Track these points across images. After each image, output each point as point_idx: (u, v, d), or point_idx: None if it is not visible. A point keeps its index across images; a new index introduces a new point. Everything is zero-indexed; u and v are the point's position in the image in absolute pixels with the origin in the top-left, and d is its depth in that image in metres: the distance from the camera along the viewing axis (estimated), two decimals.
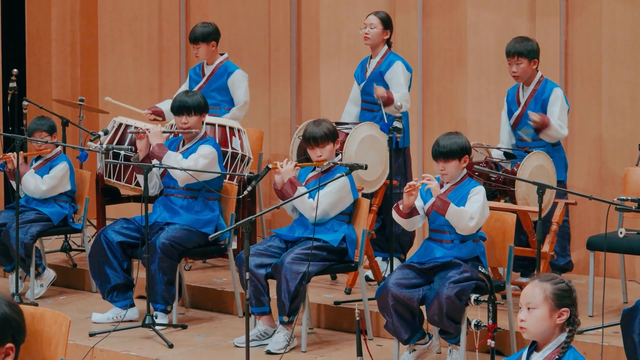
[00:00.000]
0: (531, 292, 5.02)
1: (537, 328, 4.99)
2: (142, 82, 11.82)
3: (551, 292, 4.99)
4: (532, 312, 4.99)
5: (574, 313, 5.01)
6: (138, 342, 8.32)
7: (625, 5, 9.59)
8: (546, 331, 4.99)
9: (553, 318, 4.98)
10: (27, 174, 9.39)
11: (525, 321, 4.99)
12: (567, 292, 5.02)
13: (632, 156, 9.16)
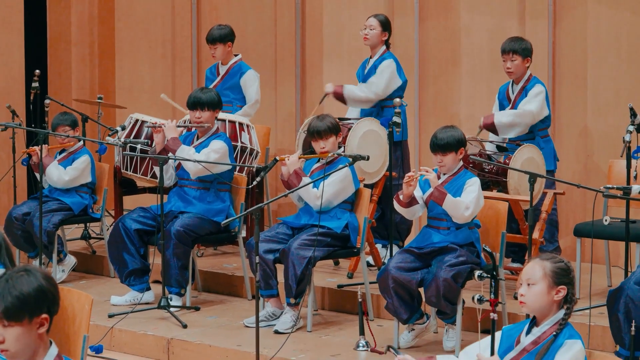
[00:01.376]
0: (531, 269, 5.01)
1: (535, 303, 4.98)
2: (156, 81, 11.81)
3: (550, 270, 4.99)
4: (531, 288, 4.99)
5: (571, 291, 5.01)
6: (154, 323, 8.33)
7: (609, 8, 9.60)
8: (544, 307, 4.99)
9: (551, 294, 4.97)
10: (51, 165, 9.40)
11: (524, 296, 4.99)
12: (565, 270, 5.01)
13: (616, 149, 9.12)
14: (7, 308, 3.97)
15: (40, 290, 4.01)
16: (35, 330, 4.02)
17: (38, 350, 4.05)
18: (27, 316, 3.99)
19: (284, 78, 11.24)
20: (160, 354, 8.06)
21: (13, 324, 3.98)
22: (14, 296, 3.97)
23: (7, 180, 10.28)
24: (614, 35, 9.59)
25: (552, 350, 4.92)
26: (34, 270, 4.07)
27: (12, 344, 3.99)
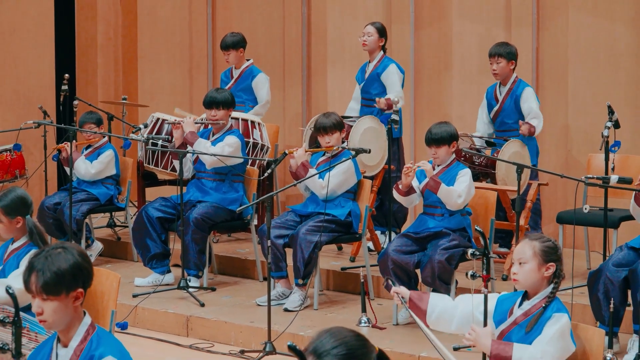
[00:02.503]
0: (522, 249, 5.01)
1: (526, 279, 4.98)
2: (175, 84, 11.80)
3: (539, 249, 4.98)
4: (523, 266, 4.99)
5: (559, 267, 5.01)
6: (174, 302, 8.33)
7: (588, 16, 9.59)
8: (535, 282, 4.98)
9: (541, 271, 4.97)
10: (78, 160, 9.39)
11: (517, 274, 4.99)
12: (553, 249, 5.01)
13: (594, 144, 9.12)
14: (45, 283, 3.94)
15: (76, 266, 3.99)
16: (71, 303, 4.00)
17: (73, 321, 4.02)
18: (64, 290, 3.96)
19: (291, 81, 11.23)
20: (180, 330, 8.06)
21: (51, 298, 3.95)
22: (52, 272, 3.95)
23: (39, 174, 10.28)
24: (592, 41, 9.58)
25: (541, 322, 4.92)
26: (70, 248, 4.05)
27: (50, 315, 3.97)
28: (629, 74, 9.43)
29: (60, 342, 4.04)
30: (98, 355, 3.94)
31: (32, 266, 3.97)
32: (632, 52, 9.42)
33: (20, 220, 5.84)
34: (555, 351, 4.82)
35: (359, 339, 3.37)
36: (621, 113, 8.26)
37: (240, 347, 7.71)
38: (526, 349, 4.82)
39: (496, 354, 4.81)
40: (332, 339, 3.35)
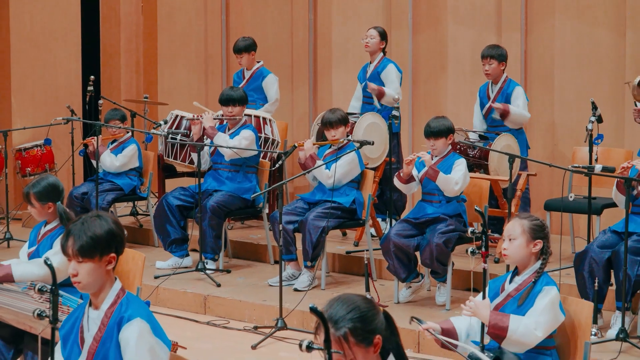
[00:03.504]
0: (512, 226, 5.00)
1: (516, 254, 4.97)
2: (191, 85, 11.80)
3: (528, 227, 4.97)
4: (512, 242, 4.98)
5: (546, 244, 5.00)
6: (192, 283, 8.34)
7: (572, 21, 9.59)
8: (524, 258, 4.98)
9: (529, 247, 4.96)
10: (104, 153, 9.41)
11: (507, 249, 4.98)
12: (541, 227, 5.00)
13: (578, 139, 9.13)
14: (81, 246, 3.96)
15: (110, 232, 4.00)
16: (104, 267, 4.01)
17: (105, 284, 4.03)
18: (98, 254, 3.98)
19: (299, 82, 11.22)
20: (198, 308, 8.07)
21: (86, 260, 3.97)
22: (88, 236, 3.96)
23: (67, 167, 10.28)
24: (576, 44, 9.58)
25: (532, 295, 4.92)
26: (105, 216, 4.07)
27: (84, 277, 3.98)
28: (610, 74, 9.42)
29: (92, 306, 4.04)
30: (127, 317, 3.95)
31: (69, 231, 3.99)
32: (612, 54, 9.42)
33: (52, 205, 5.83)
34: (546, 321, 4.82)
35: (367, 301, 3.40)
36: (603, 110, 8.25)
37: (253, 324, 7.72)
38: (521, 320, 4.81)
39: (494, 323, 4.80)
40: (345, 305, 3.39)
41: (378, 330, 3.38)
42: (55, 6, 11.29)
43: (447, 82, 10.32)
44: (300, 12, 11.18)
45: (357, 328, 3.34)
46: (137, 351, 3.91)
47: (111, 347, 3.95)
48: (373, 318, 3.38)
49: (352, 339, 3.34)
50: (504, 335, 4.78)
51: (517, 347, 4.82)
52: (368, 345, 3.36)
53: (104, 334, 3.97)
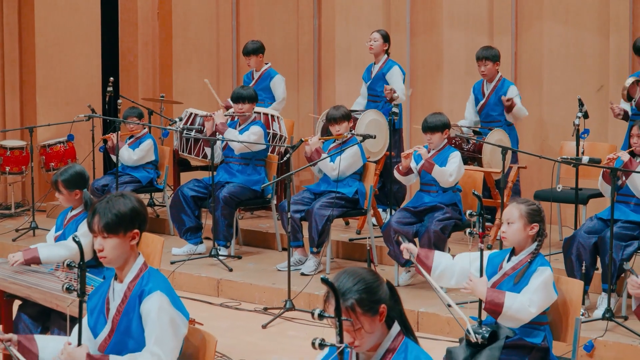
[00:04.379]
0: (510, 211, 4.98)
1: (514, 237, 4.94)
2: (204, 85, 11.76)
3: (525, 211, 4.95)
4: (510, 226, 4.95)
5: (542, 227, 4.98)
6: (206, 268, 8.31)
7: (559, 25, 9.57)
8: (521, 240, 4.95)
9: (526, 230, 4.94)
10: (122, 148, 9.38)
11: (506, 232, 4.96)
12: (537, 211, 4.98)
13: (566, 134, 9.11)
14: (107, 223, 3.94)
15: (133, 210, 3.99)
16: (128, 242, 4.00)
17: (129, 258, 4.02)
18: (123, 230, 3.97)
19: (304, 83, 11.20)
20: (212, 291, 8.05)
21: (111, 236, 3.96)
22: (113, 214, 3.95)
23: (88, 162, 10.22)
24: (563, 46, 9.57)
25: (527, 274, 4.90)
26: (129, 195, 4.06)
27: (110, 252, 3.97)
28: (594, 74, 9.41)
29: (117, 279, 4.03)
30: (148, 290, 3.94)
31: (95, 209, 3.97)
32: (597, 55, 9.40)
33: (78, 192, 5.81)
34: (540, 299, 4.80)
35: (372, 273, 3.40)
36: (588, 108, 8.22)
37: (263, 305, 7.70)
38: (516, 297, 4.79)
39: (490, 300, 4.78)
40: (351, 278, 3.38)
41: (383, 300, 3.36)
42: (77, 12, 11.29)
43: (442, 82, 10.30)
44: (306, 18, 11.16)
45: (364, 299, 3.33)
46: (158, 322, 3.89)
47: (133, 318, 3.94)
48: (378, 289, 3.37)
49: (359, 309, 3.33)
50: (499, 311, 4.76)
51: (512, 322, 4.80)
52: (374, 315, 3.34)
53: (127, 305, 3.96)
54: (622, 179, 6.94)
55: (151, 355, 3.87)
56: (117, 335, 3.97)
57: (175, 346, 3.93)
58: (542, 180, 9.31)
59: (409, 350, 3.37)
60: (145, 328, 3.92)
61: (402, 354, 3.35)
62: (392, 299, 3.42)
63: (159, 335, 3.88)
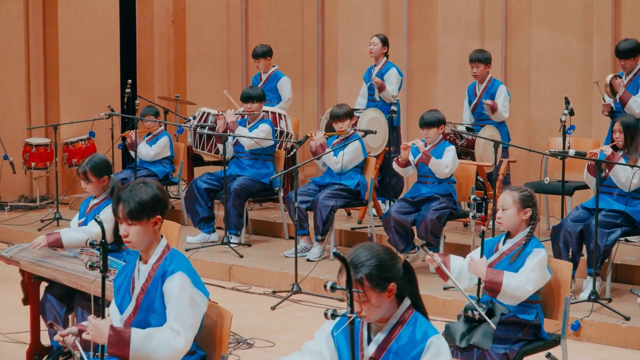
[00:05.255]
0: (504, 198, 4.95)
1: (508, 222, 4.91)
2: (215, 86, 11.75)
3: (518, 197, 4.92)
4: (505, 212, 4.92)
5: (534, 212, 4.94)
6: (219, 255, 8.28)
7: (546, 30, 9.54)
8: (515, 224, 4.92)
9: (520, 215, 4.90)
10: (140, 144, 9.34)
11: (501, 218, 4.92)
12: (529, 197, 4.95)
13: (552, 131, 9.11)
14: (130, 211, 3.91)
15: (155, 197, 3.96)
16: (151, 227, 3.97)
17: (152, 242, 3.99)
18: (146, 217, 3.93)
19: (308, 84, 11.18)
20: (224, 276, 8.02)
21: (135, 223, 3.92)
22: (136, 202, 3.91)
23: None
24: (550, 49, 9.54)
25: (522, 255, 4.86)
26: (151, 182, 4.02)
27: (134, 237, 3.93)
28: (579, 75, 9.38)
29: (142, 260, 4.00)
30: (170, 270, 3.91)
31: (119, 197, 3.94)
32: (581, 57, 9.38)
33: (106, 179, 5.76)
34: (536, 278, 4.77)
35: (388, 252, 3.34)
36: (573, 106, 8.20)
37: (272, 289, 7.67)
38: (513, 276, 4.76)
39: (489, 279, 4.75)
40: (366, 253, 3.34)
41: (393, 278, 3.31)
42: (98, 20, 11.28)
43: (437, 83, 10.27)
44: (310, 24, 11.13)
45: (373, 274, 3.29)
46: (178, 300, 3.86)
47: (156, 297, 3.91)
48: (390, 267, 3.32)
49: (367, 284, 3.29)
50: (498, 289, 4.73)
51: (510, 299, 4.76)
52: (382, 291, 3.30)
53: (150, 284, 3.93)
54: (606, 171, 6.92)
55: (171, 330, 3.84)
56: (140, 312, 3.94)
57: (195, 323, 3.90)
58: (531, 174, 9.28)
59: (417, 323, 3.33)
60: (167, 306, 3.89)
61: (411, 326, 3.32)
62: (406, 279, 3.36)
63: (179, 312, 3.85)
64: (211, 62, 11.80)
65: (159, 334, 3.79)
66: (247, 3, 11.64)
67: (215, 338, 4.05)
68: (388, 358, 3.30)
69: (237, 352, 6.12)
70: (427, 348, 3.26)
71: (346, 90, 10.72)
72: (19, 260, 5.64)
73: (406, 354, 3.28)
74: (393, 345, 3.30)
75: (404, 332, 3.31)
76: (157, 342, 3.76)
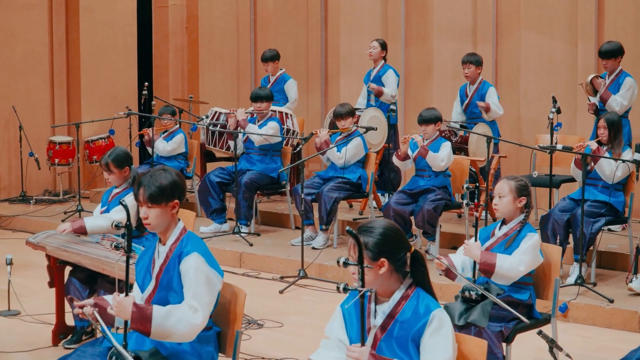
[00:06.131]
0: (501, 186, 4.91)
1: (505, 209, 4.87)
2: (226, 87, 11.75)
3: (514, 186, 4.88)
4: (501, 199, 4.88)
5: (529, 201, 4.91)
6: (230, 243, 8.24)
7: (534, 34, 9.51)
8: (511, 211, 4.88)
9: (515, 203, 4.87)
10: (157, 141, 9.30)
11: (497, 205, 4.88)
12: (525, 186, 4.91)
13: (540, 129, 9.07)
14: (150, 195, 3.88)
15: (174, 183, 3.93)
16: (169, 211, 3.93)
17: (170, 224, 3.96)
18: (164, 201, 3.90)
19: (313, 86, 11.15)
20: (235, 263, 7.99)
21: (155, 206, 3.89)
22: (156, 186, 3.88)
23: None
24: (537, 53, 9.52)
25: (517, 239, 4.83)
26: (170, 169, 3.99)
27: (153, 219, 3.90)
28: (564, 77, 9.36)
29: (161, 242, 3.97)
30: (186, 251, 3.87)
31: (140, 182, 3.91)
32: (567, 60, 9.35)
33: (127, 169, 5.73)
34: (528, 260, 4.73)
35: (398, 232, 3.33)
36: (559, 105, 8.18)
37: (280, 274, 7.64)
38: (506, 258, 4.73)
39: (484, 261, 4.72)
40: (376, 225, 3.33)
41: (387, 256, 3.27)
42: (116, 27, 11.28)
43: (432, 85, 10.24)
44: (314, 30, 11.11)
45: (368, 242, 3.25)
46: (195, 279, 3.83)
47: (174, 276, 3.88)
48: (390, 245, 3.28)
49: (364, 249, 3.25)
50: (492, 270, 4.70)
51: (504, 280, 4.73)
52: (373, 260, 3.26)
53: (168, 264, 3.90)
54: (591, 165, 6.89)
55: (189, 307, 3.80)
56: (160, 290, 3.91)
57: (210, 300, 3.87)
58: (520, 168, 9.25)
59: (420, 297, 3.31)
60: (184, 284, 3.86)
61: (414, 301, 3.30)
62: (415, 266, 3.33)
63: (195, 290, 3.82)
64: (222, 65, 11.77)
65: (179, 311, 3.76)
66: (255, 12, 11.61)
67: (229, 315, 4.02)
68: (395, 327, 3.28)
69: (249, 332, 6.09)
70: (430, 321, 3.24)
71: (347, 92, 10.69)
72: (45, 245, 5.62)
73: (410, 326, 3.26)
74: (398, 318, 3.28)
75: (407, 306, 3.29)
76: (176, 318, 3.73)
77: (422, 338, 3.23)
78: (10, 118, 10.88)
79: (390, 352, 3.26)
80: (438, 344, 3.20)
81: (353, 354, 3.17)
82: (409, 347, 3.24)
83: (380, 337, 3.28)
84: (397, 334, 3.26)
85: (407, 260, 3.32)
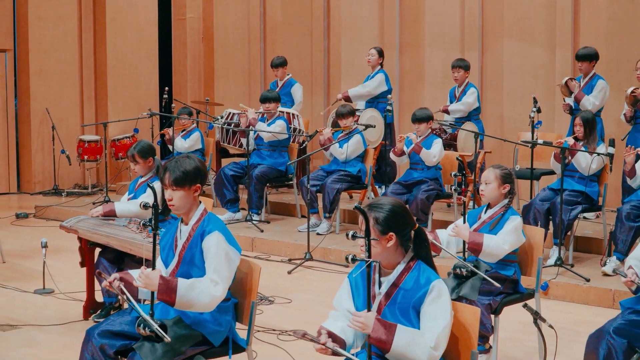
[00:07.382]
0: (487, 174, 4.89)
1: (490, 194, 4.85)
2: (238, 91, 11.73)
3: (499, 174, 4.86)
4: (487, 186, 4.86)
5: (512, 187, 4.88)
6: (243, 229, 8.21)
7: (517, 42, 9.49)
8: (496, 197, 4.86)
9: (500, 189, 4.85)
10: (177, 138, 9.28)
11: (484, 191, 4.86)
12: (509, 175, 4.89)
13: (521, 128, 9.05)
14: (175, 178, 3.86)
15: (197, 168, 3.91)
16: (192, 194, 3.91)
17: (192, 206, 3.93)
18: (188, 184, 3.88)
19: (316, 90, 11.13)
20: (248, 247, 7.95)
21: (179, 189, 3.87)
22: (180, 171, 3.87)
23: None
24: (520, 59, 9.49)
25: (501, 222, 4.80)
26: (193, 157, 3.98)
27: (177, 201, 3.88)
28: (544, 80, 9.33)
29: (183, 222, 3.95)
30: (208, 230, 3.85)
31: (166, 167, 3.89)
32: (546, 66, 9.33)
33: (151, 160, 5.70)
34: (512, 239, 4.71)
35: (405, 209, 3.32)
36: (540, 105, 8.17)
37: (288, 257, 7.62)
38: (492, 237, 4.71)
39: (472, 240, 4.69)
40: (385, 202, 3.32)
41: (395, 230, 3.26)
42: (140, 36, 11.28)
43: (424, 89, 10.22)
44: (318, 39, 11.08)
45: (379, 217, 3.24)
46: (216, 256, 3.81)
47: (196, 252, 3.86)
48: (398, 221, 3.27)
49: (373, 222, 3.24)
50: (479, 249, 4.68)
51: (490, 257, 4.71)
52: (382, 234, 3.26)
53: (190, 242, 3.88)
54: (569, 158, 6.87)
55: (210, 280, 3.79)
56: (183, 266, 3.89)
57: (229, 275, 3.85)
58: (503, 162, 9.07)
59: (421, 269, 3.29)
60: (206, 260, 3.84)
61: (416, 272, 3.28)
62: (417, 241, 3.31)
63: (216, 266, 3.80)
64: (235, 71, 11.75)
65: (201, 284, 3.75)
66: (265, 23, 11.60)
67: (246, 288, 4.00)
68: (398, 294, 3.26)
69: (261, 307, 6.07)
70: (430, 290, 3.22)
71: None
72: (77, 229, 5.60)
73: (412, 295, 3.24)
74: (402, 286, 3.26)
75: (409, 277, 3.27)
76: (199, 290, 3.72)
77: (422, 306, 3.22)
78: (44, 119, 10.88)
79: (393, 318, 3.25)
80: (437, 312, 3.19)
81: (359, 319, 3.15)
82: (410, 314, 3.23)
83: (385, 304, 3.27)
84: (400, 300, 3.25)
85: (411, 235, 3.30)
